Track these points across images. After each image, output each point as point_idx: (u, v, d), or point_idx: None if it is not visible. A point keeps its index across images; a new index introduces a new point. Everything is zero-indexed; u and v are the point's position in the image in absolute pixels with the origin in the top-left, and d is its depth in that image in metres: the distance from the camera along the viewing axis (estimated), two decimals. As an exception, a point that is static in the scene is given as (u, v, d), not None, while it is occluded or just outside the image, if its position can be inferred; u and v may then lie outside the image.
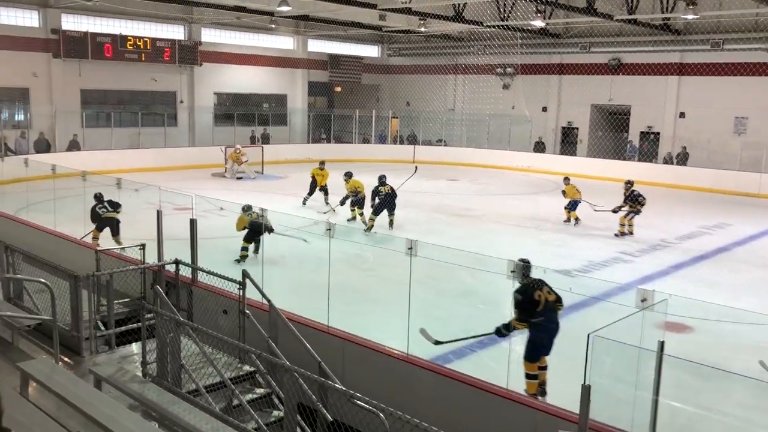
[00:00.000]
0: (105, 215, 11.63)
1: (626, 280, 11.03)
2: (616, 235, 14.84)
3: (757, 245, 14.78)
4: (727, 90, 24.51)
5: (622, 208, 14.94)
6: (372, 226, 14.30)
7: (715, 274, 12.08)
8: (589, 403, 4.66)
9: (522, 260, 6.76)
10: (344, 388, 5.19)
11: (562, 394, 5.89)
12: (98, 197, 11.85)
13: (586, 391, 4.66)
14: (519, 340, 8.37)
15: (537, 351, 6.61)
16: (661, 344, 4.93)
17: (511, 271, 6.05)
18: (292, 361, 5.93)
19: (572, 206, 16.11)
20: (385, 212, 14.62)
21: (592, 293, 9.66)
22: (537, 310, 6.51)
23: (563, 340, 7.71)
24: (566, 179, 16.69)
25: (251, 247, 11.63)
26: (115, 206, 11.81)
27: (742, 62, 23.94)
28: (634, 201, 14.79)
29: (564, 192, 16.41)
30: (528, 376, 6.67)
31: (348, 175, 15.58)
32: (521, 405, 5.82)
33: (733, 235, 15.39)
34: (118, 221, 11.72)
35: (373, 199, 14.71)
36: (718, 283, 11.42)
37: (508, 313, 6.83)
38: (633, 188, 15.11)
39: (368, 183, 15.30)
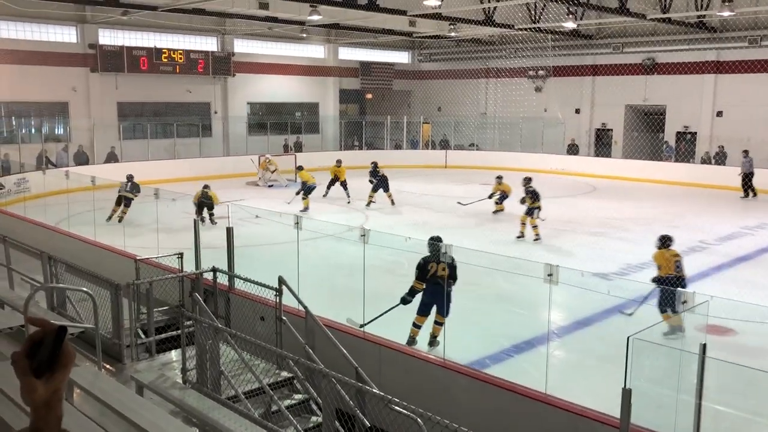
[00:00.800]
0: (120, 192, 15.06)
1: (665, 282, 10.82)
2: (518, 237, 14.51)
3: (801, 245, 14.40)
4: (766, 87, 23.95)
5: (524, 204, 14.81)
6: (371, 201, 18.34)
7: (758, 275, 11.79)
8: (630, 407, 4.60)
9: (432, 238, 8.33)
10: (382, 393, 5.20)
11: (602, 398, 5.80)
12: (128, 177, 15.67)
13: (626, 394, 4.60)
14: (555, 345, 8.29)
15: (422, 306, 8.20)
16: (703, 347, 4.84)
17: (548, 275, 5.99)
18: (329, 366, 5.96)
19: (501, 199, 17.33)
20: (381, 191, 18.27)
21: (631, 296, 9.50)
22: (427, 277, 8.06)
23: (602, 343, 7.61)
24: (499, 177, 17.77)
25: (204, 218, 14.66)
26: (133, 189, 15.36)
27: (781, 58, 23.36)
28: (533, 197, 14.56)
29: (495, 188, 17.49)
30: (414, 325, 8.23)
31: (299, 168, 18.96)
32: (560, 410, 5.75)
33: (776, 236, 15.02)
34: (130, 199, 15.25)
35: (371, 180, 18.42)
36: (760, 285, 11.15)
37: (545, 318, 6.78)
38: (530, 185, 15.10)
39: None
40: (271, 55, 29.85)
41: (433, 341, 8.21)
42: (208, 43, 27.72)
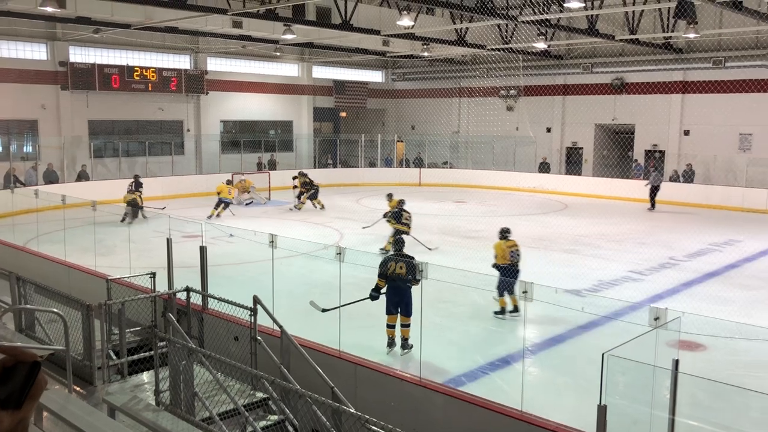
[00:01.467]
0: (126, 196, 17.78)
1: (637, 298, 10.97)
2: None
3: (767, 262, 14.71)
4: (731, 107, 24.58)
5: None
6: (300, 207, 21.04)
7: (727, 291, 12.01)
8: (605, 424, 4.64)
9: (397, 238, 9.58)
10: (358, 413, 5.17)
11: (578, 415, 5.85)
12: (135, 177, 19.50)
13: (602, 411, 4.64)
14: (530, 362, 8.34)
15: (388, 305, 8.59)
16: (676, 362, 4.91)
17: (523, 292, 6.04)
18: (305, 386, 5.92)
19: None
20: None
21: (604, 312, 9.61)
22: (387, 275, 8.54)
23: (577, 361, 7.66)
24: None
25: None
26: (137, 186, 18.91)
27: (744, 79, 24.02)
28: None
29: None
30: (387, 325, 8.62)
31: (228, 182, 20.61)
32: (536, 427, 5.77)
33: (743, 252, 15.32)
34: (137, 203, 17.78)
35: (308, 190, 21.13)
36: (729, 300, 11.35)
37: (520, 335, 6.84)
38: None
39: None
40: (244, 73, 29.84)
41: (404, 344, 8.52)
42: (181, 61, 27.61)
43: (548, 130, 29.90)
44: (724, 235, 17.30)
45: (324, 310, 8.76)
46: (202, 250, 8.99)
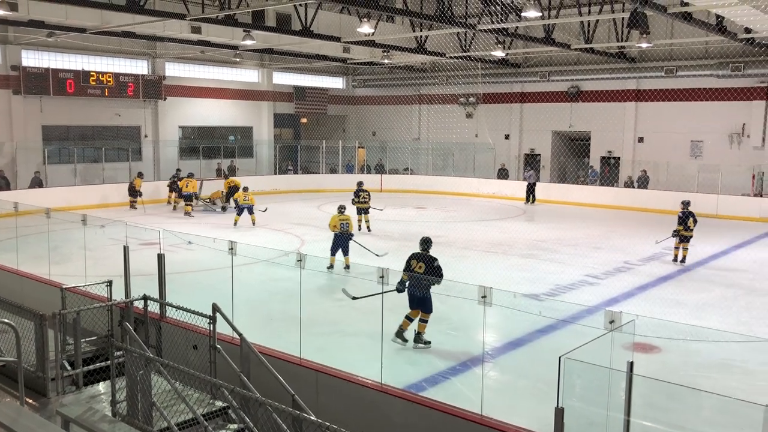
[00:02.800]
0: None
1: (593, 302, 11.20)
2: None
3: (718, 264, 15.15)
4: (682, 115, 25.31)
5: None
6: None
7: (680, 294, 12.33)
8: (563, 426, 4.72)
9: (424, 240, 9.80)
10: (319, 420, 5.16)
11: (536, 418, 5.94)
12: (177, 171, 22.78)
13: (559, 413, 4.72)
14: (489, 366, 8.44)
15: (409, 299, 9.14)
16: (631, 364, 5.01)
17: (482, 297, 6.11)
18: (265, 394, 5.88)
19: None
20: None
21: (561, 316, 9.78)
22: (408, 270, 9.23)
23: (536, 364, 7.77)
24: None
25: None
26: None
27: (694, 88, 24.76)
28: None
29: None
30: (406, 317, 9.17)
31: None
32: (495, 430, 5.84)
33: (694, 256, 15.74)
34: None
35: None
36: (682, 303, 11.66)
37: (480, 339, 6.92)
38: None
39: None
40: (203, 78, 29.53)
41: (417, 338, 9.12)
42: (139, 67, 27.19)
43: (507, 137, 30.31)
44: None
45: (354, 298, 9.74)
46: (160, 258, 8.85)
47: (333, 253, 13.39)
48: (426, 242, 9.72)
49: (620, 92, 26.88)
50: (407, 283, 8.98)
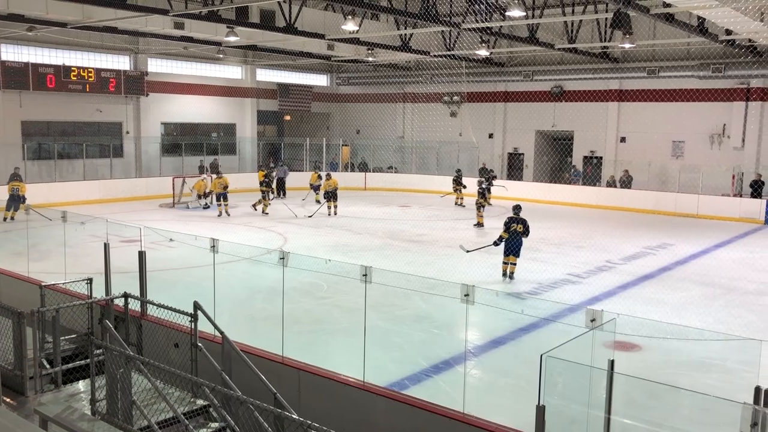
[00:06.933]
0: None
1: (575, 300, 11.26)
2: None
3: (698, 264, 15.31)
4: (664, 115, 25.55)
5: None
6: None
7: (660, 293, 12.44)
8: (543, 424, 4.73)
9: (516, 206, 13.46)
10: (300, 419, 5.14)
11: (517, 415, 5.96)
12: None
13: (540, 411, 4.73)
14: (472, 365, 8.45)
15: (507, 250, 13.04)
16: (611, 363, 5.04)
17: (465, 295, 6.12)
18: (247, 393, 5.85)
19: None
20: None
21: (543, 314, 9.82)
22: (510, 231, 12.99)
23: (518, 362, 7.80)
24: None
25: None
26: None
27: (676, 88, 25.00)
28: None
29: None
30: (504, 263, 13.12)
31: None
32: (477, 428, 5.85)
33: (675, 255, 15.90)
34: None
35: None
36: (663, 302, 11.76)
37: (462, 337, 6.94)
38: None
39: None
40: (186, 75, 29.30)
41: (511, 276, 12.97)
42: (121, 62, 26.93)
43: (490, 136, 30.41)
44: (657, 239, 17.92)
45: (468, 251, 13.90)
46: (141, 255, 8.78)
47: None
48: (518, 207, 13.39)
49: (603, 92, 27.07)
50: (504, 239, 12.97)
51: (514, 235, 12.93)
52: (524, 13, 17.55)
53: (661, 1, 15.49)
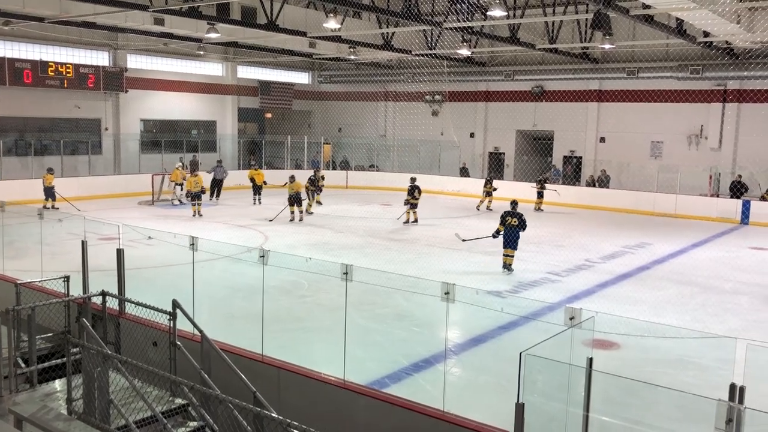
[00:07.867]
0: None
1: (555, 299, 11.34)
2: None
3: (676, 263, 15.47)
4: (643, 116, 25.82)
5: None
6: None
7: (638, 292, 12.56)
8: (523, 422, 4.76)
9: (513, 201, 14.26)
10: (280, 418, 5.12)
11: (497, 413, 5.98)
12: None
13: (519, 409, 4.75)
14: (452, 363, 8.47)
15: (505, 242, 13.62)
16: (590, 360, 5.08)
17: (445, 293, 6.13)
18: (226, 392, 5.81)
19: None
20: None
21: (523, 313, 9.87)
22: (505, 225, 13.68)
23: (498, 360, 7.84)
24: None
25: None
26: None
27: (655, 89, 25.28)
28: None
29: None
30: (504, 255, 13.65)
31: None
32: (458, 426, 5.87)
33: (653, 254, 16.06)
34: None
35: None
36: (641, 300, 11.88)
37: (443, 335, 6.96)
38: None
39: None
40: (166, 71, 29.05)
41: (509, 268, 13.52)
42: (100, 58, 26.61)
43: (471, 135, 30.52)
44: (636, 239, 18.10)
45: (464, 240, 14.57)
46: (120, 253, 8.69)
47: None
48: (514, 203, 14.19)
49: (583, 92, 27.29)
50: (502, 232, 13.60)
51: (510, 229, 13.55)
52: (505, 13, 17.65)
53: (640, 3, 15.64)
